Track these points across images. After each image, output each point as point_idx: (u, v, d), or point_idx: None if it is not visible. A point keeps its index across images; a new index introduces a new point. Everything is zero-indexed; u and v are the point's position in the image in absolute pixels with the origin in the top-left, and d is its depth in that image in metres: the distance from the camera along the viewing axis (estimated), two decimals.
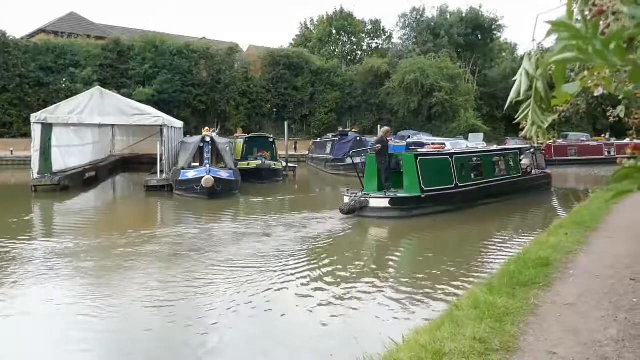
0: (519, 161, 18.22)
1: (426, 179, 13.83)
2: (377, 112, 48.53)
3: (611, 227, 9.60)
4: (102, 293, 7.50)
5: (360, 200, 13.38)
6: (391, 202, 13.40)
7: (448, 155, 15.27)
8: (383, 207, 13.38)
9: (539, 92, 1.47)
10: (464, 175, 15.15)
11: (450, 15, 55.72)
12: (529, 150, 19.46)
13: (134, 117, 19.51)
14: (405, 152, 15.29)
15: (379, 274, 8.58)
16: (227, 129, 40.52)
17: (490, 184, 16.14)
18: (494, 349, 4.15)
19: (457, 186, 14.72)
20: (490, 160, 16.97)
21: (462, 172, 15.10)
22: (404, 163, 14.25)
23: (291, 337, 6.10)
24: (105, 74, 38.82)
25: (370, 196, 13.63)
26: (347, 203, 13.48)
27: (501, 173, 17.11)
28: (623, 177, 0.97)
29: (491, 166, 16.81)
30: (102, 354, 5.70)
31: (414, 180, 13.76)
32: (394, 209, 13.41)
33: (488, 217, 14.21)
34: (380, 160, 14.14)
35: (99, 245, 10.51)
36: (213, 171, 17.51)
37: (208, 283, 7.96)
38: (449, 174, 14.63)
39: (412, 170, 13.85)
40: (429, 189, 13.82)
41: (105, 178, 24.37)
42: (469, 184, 15.24)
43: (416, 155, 14.20)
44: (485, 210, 14.84)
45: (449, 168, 14.71)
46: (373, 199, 13.49)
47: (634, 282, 6.03)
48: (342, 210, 13.42)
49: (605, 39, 0.90)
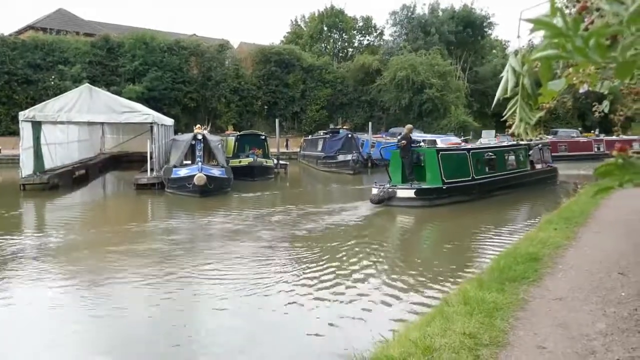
0: (528, 156, 19.39)
1: (447, 172, 15.17)
2: (368, 109, 48.57)
3: (600, 222, 9.68)
4: (92, 292, 7.47)
5: (388, 191, 14.66)
6: (416, 192, 14.69)
7: (465, 151, 16.66)
8: (409, 197, 14.66)
9: (526, 89, 1.48)
10: (479, 169, 16.46)
11: (441, 12, 55.82)
12: (537, 146, 20.67)
13: (124, 115, 19.38)
14: (426, 147, 16.44)
15: (376, 267, 8.60)
16: (218, 127, 40.39)
17: (503, 177, 17.46)
18: (483, 344, 4.18)
19: (473, 179, 16.02)
20: (503, 155, 18.16)
21: (477, 166, 16.40)
22: (427, 157, 15.47)
23: (282, 333, 6.11)
24: (95, 71, 38.52)
25: (397, 187, 14.91)
26: (377, 194, 14.70)
27: (512, 167, 18.47)
28: (604, 174, 0.98)
29: (503, 161, 18.06)
30: (93, 353, 5.67)
31: (435, 173, 15.10)
32: (419, 199, 14.65)
33: (500, 206, 15.33)
34: (405, 154, 15.39)
35: (89, 245, 10.46)
36: (205, 169, 17.45)
37: (200, 281, 7.95)
38: (466, 168, 15.96)
39: (434, 164, 15.19)
40: (449, 181, 15.16)
41: (95, 176, 24.22)
42: (484, 177, 16.52)
43: (438, 151, 15.62)
44: (498, 200, 16.04)
45: (466, 162, 16.05)
46: (400, 190, 14.79)
47: (622, 276, 6.09)
48: (373, 200, 14.72)
49: (586, 36, 0.91)
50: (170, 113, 35.36)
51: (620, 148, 0.99)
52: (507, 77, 1.44)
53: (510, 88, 1.48)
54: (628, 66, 1.00)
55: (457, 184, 15.41)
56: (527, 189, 17.94)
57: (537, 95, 1.49)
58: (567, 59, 1.01)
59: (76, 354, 5.58)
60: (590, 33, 0.92)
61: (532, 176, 19.15)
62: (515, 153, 18.79)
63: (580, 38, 0.91)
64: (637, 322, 4.65)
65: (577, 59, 0.92)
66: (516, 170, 18.44)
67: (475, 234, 11.60)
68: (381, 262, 9.17)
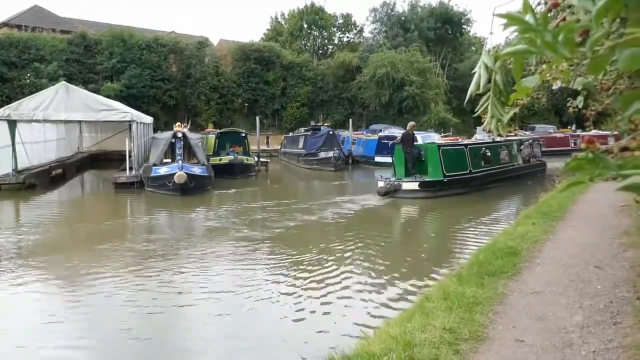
0: (519, 151, 20.95)
1: (447, 165, 16.34)
2: (348, 106, 48.60)
3: (577, 217, 9.84)
4: (71, 294, 7.37)
5: (394, 184, 15.90)
6: (420, 185, 15.91)
7: (463, 146, 17.75)
8: (413, 189, 15.85)
9: (498, 85, 1.48)
10: (476, 163, 17.60)
11: (420, 9, 56.02)
12: (528, 142, 22.44)
13: (102, 113, 19.14)
14: (427, 143, 17.81)
15: (360, 264, 8.62)
16: (197, 124, 40.05)
17: (497, 170, 18.75)
18: (463, 338, 4.22)
19: (471, 172, 17.20)
20: (497, 150, 19.34)
21: (474, 160, 17.54)
22: (428, 153, 16.63)
23: (264, 329, 6.09)
24: (72, 69, 37.86)
25: (402, 180, 16.11)
26: (383, 186, 15.94)
27: (505, 161, 19.71)
28: (575, 169, 0.99)
29: (497, 155, 19.29)
30: (73, 357, 5.59)
31: (437, 167, 16.24)
32: (422, 191, 15.85)
33: (494, 198, 16.59)
34: (407, 150, 16.47)
35: (66, 245, 10.32)
36: (185, 167, 17.33)
37: (182, 281, 7.90)
38: (464, 162, 17.12)
39: (435, 158, 16.34)
40: (449, 174, 16.34)
41: (72, 175, 23.88)
42: (480, 170, 17.69)
43: (439, 146, 16.74)
44: (493, 192, 17.24)
45: (464, 157, 17.21)
46: (405, 183, 16.00)
47: (598, 269, 6.20)
48: (380, 193, 15.95)
49: (555, 31, 0.92)
50: (150, 111, 34.96)
51: (588, 141, 1.00)
52: (480, 73, 1.45)
53: (482, 84, 1.49)
54: (600, 62, 1.01)
55: (457, 177, 16.62)
56: (518, 181, 19.22)
57: (510, 91, 1.50)
58: (537, 55, 1.02)
59: (51, 356, 5.50)
60: (559, 29, 0.92)
61: (524, 169, 20.48)
62: (508, 148, 20.02)
63: (549, 34, 0.92)
64: (612, 315, 4.73)
65: (547, 54, 0.93)
66: (509, 164, 19.75)
67: (469, 224, 12.24)
68: (368, 258, 9.20)
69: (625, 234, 7.99)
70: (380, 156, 29.11)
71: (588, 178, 0.97)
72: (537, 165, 21.81)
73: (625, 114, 0.99)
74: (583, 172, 0.97)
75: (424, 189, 15.86)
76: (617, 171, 0.96)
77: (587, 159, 0.96)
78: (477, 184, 17.29)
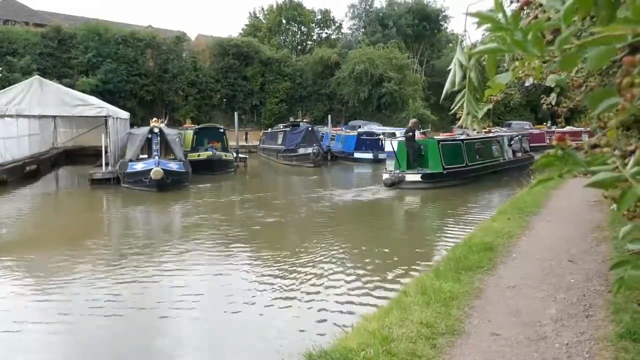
0: (510, 145, 22.54)
1: (446, 159, 17.69)
2: (327, 102, 48.62)
3: (551, 212, 10.01)
4: (41, 293, 7.25)
5: (398, 176, 17.22)
6: (422, 177, 17.24)
7: (460, 141, 18.88)
8: (416, 180, 17.18)
9: (473, 82, 1.50)
10: (471, 157, 18.93)
11: (397, 6, 56.23)
12: (518, 137, 23.91)
13: (77, 108, 18.83)
14: (427, 139, 18.86)
15: (339, 260, 8.64)
16: (175, 120, 39.64)
17: (490, 163, 20.07)
18: (440, 332, 4.27)
19: (467, 165, 18.58)
20: (490, 145, 20.81)
21: (470, 154, 18.89)
22: (429, 147, 17.90)
23: (242, 327, 6.08)
24: (46, 63, 37.10)
25: (406, 173, 17.35)
26: (389, 178, 17.27)
27: (497, 154, 21.10)
28: (545, 165, 1.01)
29: (490, 149, 20.67)
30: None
31: (437, 160, 17.58)
32: (424, 182, 17.16)
33: (487, 189, 17.76)
34: (409, 145, 17.64)
35: (39, 243, 10.14)
36: (162, 163, 17.14)
37: (157, 279, 7.83)
38: (461, 156, 18.47)
39: (435, 152, 17.65)
40: (448, 167, 17.66)
41: (47, 171, 23.44)
42: (475, 163, 19.04)
43: (438, 141, 18.06)
44: (486, 183, 18.38)
45: (461, 151, 18.51)
46: (409, 175, 17.30)
47: (572, 263, 6.32)
48: (386, 184, 17.27)
49: (525, 30, 0.93)
50: (126, 106, 34.45)
51: (559, 138, 1.02)
52: (455, 70, 1.46)
53: (457, 82, 1.51)
54: (571, 59, 1.03)
55: (454, 170, 17.98)
56: (508, 174, 20.02)
57: (485, 88, 1.52)
58: (507, 52, 1.03)
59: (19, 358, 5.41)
60: (528, 27, 0.94)
61: (514, 163, 21.74)
62: (499, 143, 21.66)
63: (519, 32, 0.93)
64: (585, 308, 4.83)
65: (517, 51, 0.95)
66: (500, 158, 21.19)
67: (463, 214, 12.99)
68: (349, 253, 9.23)
69: (598, 229, 8.16)
70: (359, 152, 29.19)
71: (557, 174, 0.99)
72: (526, 159, 22.95)
73: (594, 112, 1.01)
74: (553, 168, 0.99)
75: (426, 181, 17.21)
76: (585, 167, 0.98)
77: (556, 156, 0.98)
78: (473, 176, 18.59)
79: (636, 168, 0.97)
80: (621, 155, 1.14)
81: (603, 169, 0.96)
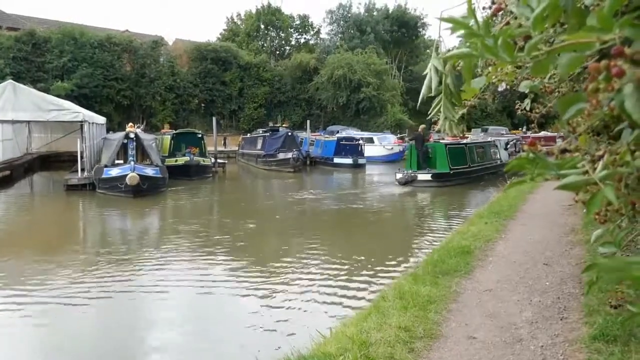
0: (506, 148, 25.39)
1: (452, 161, 19.75)
2: (306, 107, 48.68)
3: (526, 216, 10.15)
4: (24, 298, 7.10)
5: (410, 175, 19.41)
6: (432, 176, 19.39)
7: (464, 145, 20.84)
8: (427, 179, 19.37)
9: (449, 87, 1.52)
10: (473, 159, 21.05)
11: (376, 12, 56.61)
12: (513, 141, 26.59)
13: (52, 113, 18.51)
14: (436, 142, 20.70)
15: (319, 264, 8.63)
16: (153, 125, 39.30)
17: (489, 164, 22.22)
18: (418, 336, 4.29)
19: (469, 166, 20.69)
20: (489, 148, 23.36)
21: (472, 156, 20.99)
22: (437, 150, 19.94)
23: (220, 332, 6.03)
24: (20, 67, 36.43)
25: (417, 172, 19.50)
26: (402, 177, 19.49)
27: (495, 157, 23.50)
28: (516, 168, 1.02)
29: (489, 152, 23.11)
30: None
31: (444, 162, 19.67)
32: (434, 181, 19.36)
33: (487, 188, 18.71)
34: (418, 147, 19.66)
35: (14, 251, 9.93)
36: (138, 168, 16.94)
37: (134, 285, 7.72)
38: (464, 158, 20.55)
39: (443, 154, 19.75)
40: (454, 168, 19.72)
41: (21, 177, 23.00)
42: (476, 165, 21.20)
43: (446, 145, 19.95)
44: (486, 183, 19.57)
45: (464, 153, 20.58)
46: (420, 174, 19.45)
47: (547, 266, 6.42)
48: (400, 182, 19.49)
49: (496, 36, 0.95)
50: (103, 111, 34.05)
51: (530, 143, 1.04)
52: (431, 76, 1.48)
53: (434, 87, 1.52)
54: (542, 65, 1.05)
55: (459, 170, 20.01)
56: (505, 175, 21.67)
57: (460, 92, 1.54)
58: (479, 58, 1.05)
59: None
60: (498, 33, 0.96)
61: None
62: (497, 146, 24.26)
63: (490, 38, 0.95)
64: (559, 310, 4.91)
65: (488, 57, 0.97)
66: (499, 159, 23.38)
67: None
68: (328, 257, 9.23)
69: (572, 232, 8.30)
70: (339, 157, 29.27)
71: (529, 178, 1.01)
72: None
73: (564, 117, 1.03)
74: (524, 171, 1.01)
75: (435, 180, 19.34)
76: (555, 171, 1.00)
77: (527, 160, 1.00)
78: (474, 176, 20.65)
79: (604, 172, 0.99)
80: (590, 159, 1.17)
81: (573, 173, 0.98)
